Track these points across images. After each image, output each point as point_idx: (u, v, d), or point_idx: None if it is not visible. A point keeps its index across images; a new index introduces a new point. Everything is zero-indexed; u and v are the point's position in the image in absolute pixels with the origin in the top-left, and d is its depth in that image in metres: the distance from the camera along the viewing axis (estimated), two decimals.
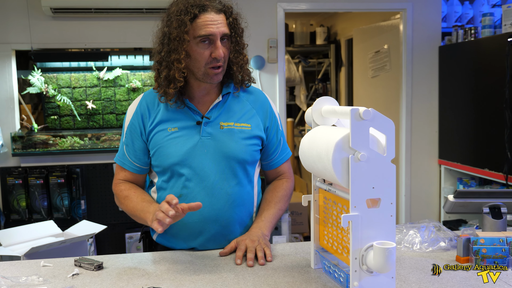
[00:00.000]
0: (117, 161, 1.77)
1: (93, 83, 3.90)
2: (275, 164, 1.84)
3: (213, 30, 1.59)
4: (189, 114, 1.69)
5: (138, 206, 1.65)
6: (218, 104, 1.71)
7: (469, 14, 4.44)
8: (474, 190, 1.74)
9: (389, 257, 1.18)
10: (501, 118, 3.41)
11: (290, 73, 5.87)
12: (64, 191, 3.63)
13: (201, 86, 1.70)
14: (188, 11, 1.58)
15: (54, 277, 1.45)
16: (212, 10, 1.61)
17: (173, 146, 1.65)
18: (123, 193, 1.73)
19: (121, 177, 1.77)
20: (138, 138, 1.71)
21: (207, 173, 1.66)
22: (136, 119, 1.71)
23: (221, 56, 1.61)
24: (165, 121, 1.68)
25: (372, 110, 1.20)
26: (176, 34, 1.59)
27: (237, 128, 1.70)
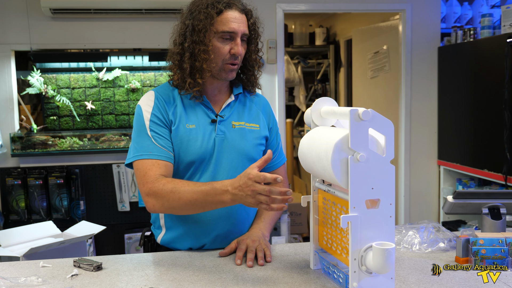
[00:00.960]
0: (148, 156, 1.61)
1: (92, 84, 3.90)
2: (273, 167, 1.86)
3: (235, 27, 1.64)
4: (204, 112, 1.70)
5: (199, 192, 1.49)
6: (230, 104, 1.75)
7: (468, 15, 4.44)
8: (473, 191, 1.74)
9: (388, 258, 1.18)
10: (500, 118, 3.42)
11: (290, 73, 5.87)
12: (63, 192, 3.63)
13: (213, 83, 1.72)
14: (214, 6, 1.63)
15: (53, 278, 1.45)
16: (236, 9, 1.66)
17: (192, 144, 1.66)
18: (166, 187, 1.54)
19: (155, 172, 1.59)
20: (164, 127, 1.66)
21: (221, 171, 1.68)
22: (158, 111, 1.66)
23: (239, 53, 1.65)
24: (182, 117, 1.68)
25: (371, 111, 1.20)
26: (202, 26, 1.61)
27: (248, 128, 1.74)
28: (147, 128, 1.65)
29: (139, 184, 1.62)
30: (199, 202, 1.50)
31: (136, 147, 1.64)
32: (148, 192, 1.58)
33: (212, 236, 1.69)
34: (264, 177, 1.36)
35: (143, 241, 1.84)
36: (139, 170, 1.62)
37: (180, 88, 1.70)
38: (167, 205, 1.56)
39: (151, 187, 1.57)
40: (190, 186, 1.52)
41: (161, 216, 1.75)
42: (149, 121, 1.66)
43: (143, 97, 1.73)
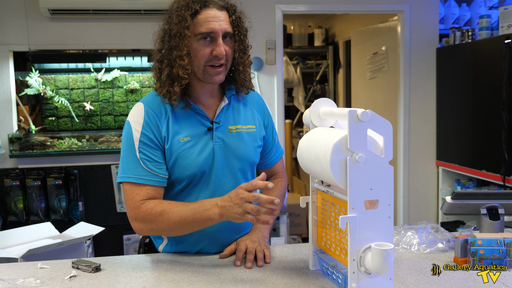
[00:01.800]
0: (136, 180, 1.56)
1: (91, 85, 3.90)
2: (270, 163, 1.84)
3: (214, 27, 1.54)
4: (198, 120, 1.62)
5: (188, 210, 1.50)
6: (224, 108, 1.67)
7: (466, 16, 4.45)
8: (471, 192, 1.74)
9: (387, 259, 1.18)
10: (499, 119, 3.42)
11: (288, 74, 5.87)
12: (61, 193, 3.62)
13: (204, 87, 1.64)
14: (189, 7, 1.54)
15: (52, 279, 1.45)
16: (214, 6, 1.56)
17: (189, 157, 1.59)
18: (155, 210, 1.53)
19: (142, 197, 1.56)
20: (156, 148, 1.58)
21: (223, 180, 1.64)
22: (148, 129, 1.58)
23: (222, 53, 1.56)
24: (176, 130, 1.59)
25: (370, 112, 1.20)
26: (176, 30, 1.53)
27: (245, 131, 1.68)
28: (136, 149, 1.57)
29: (126, 207, 1.59)
30: (187, 221, 1.50)
31: (125, 167, 1.59)
32: (135, 217, 1.57)
33: (216, 245, 1.66)
34: (256, 183, 1.39)
35: (142, 249, 1.79)
36: (126, 193, 1.58)
37: (163, 97, 1.60)
38: (156, 228, 1.55)
39: (138, 213, 1.55)
40: (179, 207, 1.52)
41: None
42: (138, 141, 1.57)
43: (133, 111, 1.63)
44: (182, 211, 1.50)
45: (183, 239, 1.66)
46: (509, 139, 3.35)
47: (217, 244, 1.66)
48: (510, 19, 3.34)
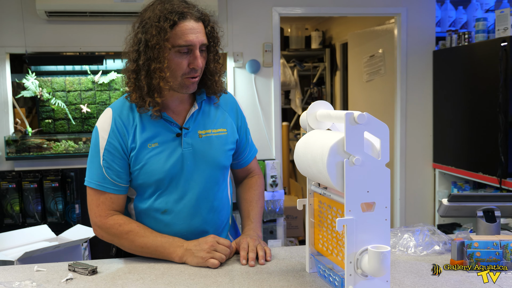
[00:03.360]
0: (97, 186, 1.61)
1: (87, 87, 3.89)
2: (244, 163, 1.86)
3: (192, 39, 1.53)
4: (167, 127, 1.62)
5: (155, 242, 1.58)
6: (194, 113, 1.67)
7: (463, 19, 4.46)
8: (468, 194, 1.75)
9: (384, 261, 1.18)
10: (495, 122, 3.43)
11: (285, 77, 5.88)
12: (58, 195, 3.62)
13: (174, 95, 1.64)
14: (167, 18, 1.51)
15: (48, 282, 1.44)
16: (191, 18, 1.55)
17: (156, 163, 1.60)
18: (122, 228, 1.60)
19: (108, 206, 1.62)
20: (120, 158, 1.60)
21: (192, 186, 1.65)
22: (114, 138, 1.59)
23: (199, 66, 1.56)
24: (144, 138, 1.60)
25: (367, 114, 1.20)
26: (155, 42, 1.50)
27: (215, 135, 1.68)
28: (100, 156, 1.60)
29: (90, 212, 1.64)
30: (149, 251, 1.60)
31: (89, 172, 1.64)
32: (100, 225, 1.63)
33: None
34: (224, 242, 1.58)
35: (115, 249, 1.80)
36: (90, 198, 1.64)
37: (139, 106, 1.59)
38: (117, 242, 1.64)
39: (105, 223, 1.62)
40: (146, 234, 1.60)
41: None
42: (104, 149, 1.59)
43: (100, 117, 1.64)
44: (149, 239, 1.59)
45: None
46: (506, 141, 3.36)
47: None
48: (507, 22, 3.35)
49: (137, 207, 1.68)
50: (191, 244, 1.57)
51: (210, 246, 1.54)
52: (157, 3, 1.57)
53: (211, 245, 1.54)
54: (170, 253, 1.57)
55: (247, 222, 1.76)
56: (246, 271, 1.51)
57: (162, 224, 1.65)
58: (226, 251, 1.56)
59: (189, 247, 1.56)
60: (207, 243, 1.55)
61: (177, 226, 1.65)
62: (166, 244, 1.58)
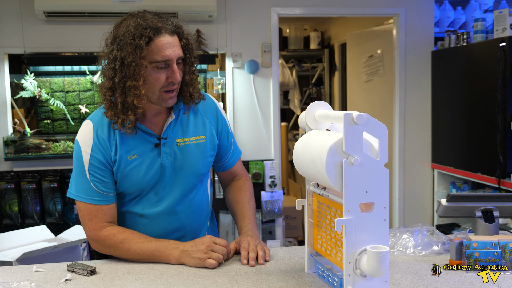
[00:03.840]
0: (88, 200, 1.61)
1: (86, 87, 3.89)
2: (228, 166, 1.87)
3: (169, 54, 1.53)
4: (145, 138, 1.63)
5: (150, 247, 1.59)
6: (171, 123, 1.67)
7: (461, 19, 4.47)
8: (466, 194, 1.75)
9: (383, 261, 1.18)
10: (494, 122, 3.44)
11: (284, 77, 5.88)
12: (57, 196, 3.61)
13: (152, 107, 1.64)
14: (142, 35, 1.49)
15: (47, 283, 1.44)
16: (166, 32, 1.54)
17: (136, 175, 1.62)
18: (117, 237, 1.61)
19: (101, 219, 1.62)
20: (105, 170, 1.62)
21: (170, 193, 1.68)
22: (98, 151, 1.60)
23: (178, 80, 1.57)
24: (124, 150, 1.61)
25: (365, 115, 1.20)
26: (131, 59, 1.49)
27: (193, 143, 1.69)
28: (86, 171, 1.60)
29: (84, 226, 1.65)
30: (145, 256, 1.60)
31: (77, 186, 1.63)
32: (95, 239, 1.64)
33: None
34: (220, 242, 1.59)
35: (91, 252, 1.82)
36: (82, 212, 1.64)
37: (113, 123, 1.59)
38: (113, 252, 1.64)
39: (99, 236, 1.63)
40: (141, 240, 1.60)
41: None
42: (88, 163, 1.60)
43: (81, 130, 1.63)
44: (143, 245, 1.59)
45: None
46: (504, 142, 3.37)
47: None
48: (505, 23, 3.35)
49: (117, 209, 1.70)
50: (187, 245, 1.57)
51: (207, 247, 1.55)
52: (130, 18, 1.55)
53: (208, 246, 1.55)
54: (166, 255, 1.58)
55: (244, 223, 1.77)
56: (245, 271, 1.51)
57: (140, 225, 1.69)
58: (223, 250, 1.56)
59: (185, 248, 1.56)
60: (204, 243, 1.56)
61: (154, 228, 1.68)
62: (162, 247, 1.59)
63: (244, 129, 3.99)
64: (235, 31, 3.91)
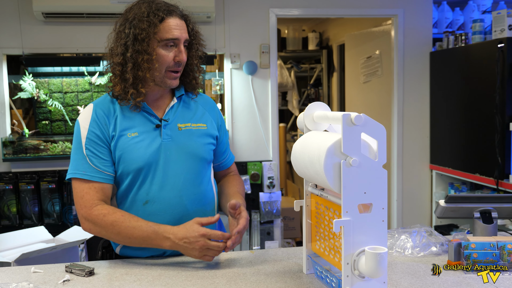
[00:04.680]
0: (82, 176, 1.61)
1: (84, 88, 3.89)
2: (226, 165, 1.91)
3: (178, 34, 1.63)
4: (147, 118, 1.68)
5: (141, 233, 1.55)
6: (173, 107, 1.73)
7: (460, 20, 4.47)
8: (465, 195, 1.75)
9: (381, 262, 1.18)
10: (492, 123, 3.44)
11: (283, 78, 5.88)
12: (55, 197, 3.61)
13: (155, 90, 1.70)
14: (155, 14, 1.60)
15: (45, 283, 1.44)
16: (176, 15, 1.65)
17: (136, 151, 1.63)
18: (107, 218, 1.58)
19: (92, 196, 1.61)
20: (102, 146, 1.64)
21: (173, 175, 1.66)
22: (96, 126, 1.64)
23: (184, 60, 1.66)
24: (124, 127, 1.65)
25: (364, 116, 1.20)
26: (145, 35, 1.59)
27: (194, 128, 1.73)
28: (83, 146, 1.63)
29: (76, 205, 1.64)
30: (137, 241, 1.57)
31: (73, 164, 1.64)
32: (86, 217, 1.61)
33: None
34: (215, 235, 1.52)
35: (101, 252, 1.80)
36: (75, 190, 1.63)
37: (121, 99, 1.65)
38: (104, 234, 1.61)
39: (90, 214, 1.60)
40: (132, 223, 1.56)
41: None
42: (85, 138, 1.63)
43: (83, 112, 1.69)
44: (134, 231, 1.56)
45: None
46: (502, 142, 3.37)
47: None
48: (503, 24, 3.36)
49: (119, 201, 1.70)
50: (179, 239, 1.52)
51: (201, 247, 1.51)
52: (141, 2, 1.66)
53: (202, 246, 1.51)
54: (158, 244, 1.56)
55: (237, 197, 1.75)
56: (243, 272, 1.51)
57: (144, 214, 1.65)
58: (218, 248, 1.52)
59: (179, 243, 1.52)
60: (198, 243, 1.51)
61: (161, 216, 1.64)
62: (153, 235, 1.55)
63: (243, 130, 3.99)
64: (233, 32, 3.92)
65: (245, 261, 1.62)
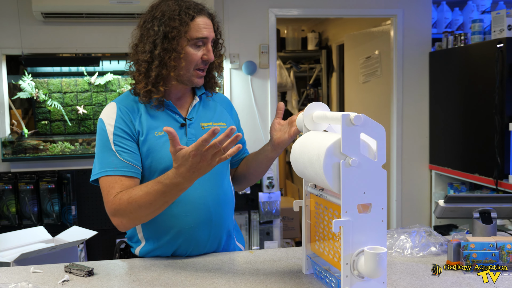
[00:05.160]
0: (113, 172, 1.56)
1: (84, 88, 3.89)
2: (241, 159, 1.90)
3: (207, 33, 1.63)
4: (171, 117, 1.67)
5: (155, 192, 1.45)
6: (196, 105, 1.73)
7: (459, 21, 4.48)
8: (464, 195, 1.75)
9: (380, 262, 1.18)
10: (491, 123, 3.44)
11: (282, 78, 5.88)
12: (54, 197, 3.61)
13: (178, 88, 1.69)
14: (186, 12, 1.60)
15: (44, 284, 1.44)
16: (205, 14, 1.65)
17: (164, 150, 1.61)
18: (123, 199, 1.50)
19: (117, 190, 1.55)
20: (130, 141, 1.61)
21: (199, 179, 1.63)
22: (122, 122, 1.62)
23: (212, 59, 1.65)
24: (150, 125, 1.63)
25: (363, 116, 1.20)
26: (176, 33, 1.58)
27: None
28: (111, 142, 1.59)
29: (104, 203, 1.57)
30: (159, 203, 1.47)
31: (101, 163, 1.59)
32: (110, 212, 1.55)
33: (194, 243, 1.66)
34: (201, 141, 1.33)
35: (118, 254, 1.77)
36: (103, 188, 1.58)
37: (142, 96, 1.63)
38: (132, 217, 1.52)
39: (111, 206, 1.54)
40: (142, 190, 1.48)
41: (139, 230, 1.69)
42: (113, 134, 1.60)
43: (105, 109, 1.67)
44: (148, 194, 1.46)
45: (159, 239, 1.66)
46: (502, 143, 3.37)
47: (194, 243, 1.66)
48: (503, 24, 3.36)
49: None
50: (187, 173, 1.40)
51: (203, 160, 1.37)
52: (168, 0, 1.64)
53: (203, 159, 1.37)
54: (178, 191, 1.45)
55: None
56: (243, 272, 1.51)
57: (169, 215, 1.62)
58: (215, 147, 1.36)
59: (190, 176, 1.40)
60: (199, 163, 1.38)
61: (184, 217, 1.62)
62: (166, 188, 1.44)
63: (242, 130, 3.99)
64: (233, 32, 3.92)
65: (244, 261, 1.62)
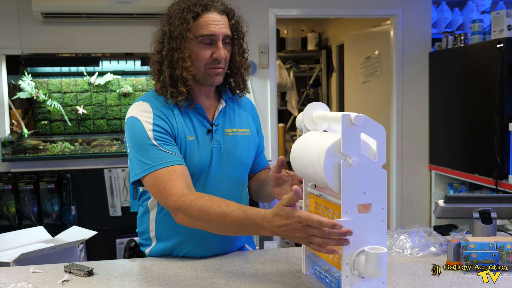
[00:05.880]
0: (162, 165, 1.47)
1: (84, 88, 3.89)
2: (261, 167, 1.85)
3: (215, 30, 1.56)
4: (200, 121, 1.63)
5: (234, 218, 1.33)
6: (222, 110, 1.68)
7: (459, 21, 4.48)
8: (464, 195, 1.75)
9: (380, 262, 1.18)
10: (491, 123, 3.44)
11: (282, 78, 5.89)
12: (54, 197, 3.61)
13: (201, 89, 1.65)
14: (190, 10, 1.55)
15: (44, 284, 1.44)
16: (215, 10, 1.58)
17: (193, 156, 1.58)
18: (194, 204, 1.39)
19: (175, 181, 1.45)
20: (169, 137, 1.55)
21: (220, 182, 1.63)
22: (161, 120, 1.55)
23: (222, 57, 1.58)
24: (183, 127, 1.59)
25: (363, 116, 1.20)
26: (178, 32, 1.55)
27: (240, 134, 1.69)
28: (151, 138, 1.52)
29: (160, 198, 1.47)
30: (230, 229, 1.37)
31: (144, 161, 1.50)
32: (175, 207, 1.44)
33: (208, 248, 1.65)
34: (320, 223, 1.18)
35: (128, 253, 1.75)
36: (156, 184, 1.47)
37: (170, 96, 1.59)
38: (197, 224, 1.43)
39: (177, 202, 1.42)
40: (221, 208, 1.36)
41: (152, 228, 1.67)
42: (152, 131, 1.53)
43: (136, 108, 1.59)
44: (226, 216, 1.35)
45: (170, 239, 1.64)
46: (501, 143, 3.37)
47: (205, 247, 1.64)
48: (502, 24, 3.36)
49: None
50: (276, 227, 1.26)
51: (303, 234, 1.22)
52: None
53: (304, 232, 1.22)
54: (254, 232, 1.35)
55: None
56: (242, 272, 1.51)
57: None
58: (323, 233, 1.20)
59: (277, 231, 1.26)
60: (297, 230, 1.23)
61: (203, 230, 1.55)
62: (246, 222, 1.32)
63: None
64: None
65: (244, 261, 1.62)
